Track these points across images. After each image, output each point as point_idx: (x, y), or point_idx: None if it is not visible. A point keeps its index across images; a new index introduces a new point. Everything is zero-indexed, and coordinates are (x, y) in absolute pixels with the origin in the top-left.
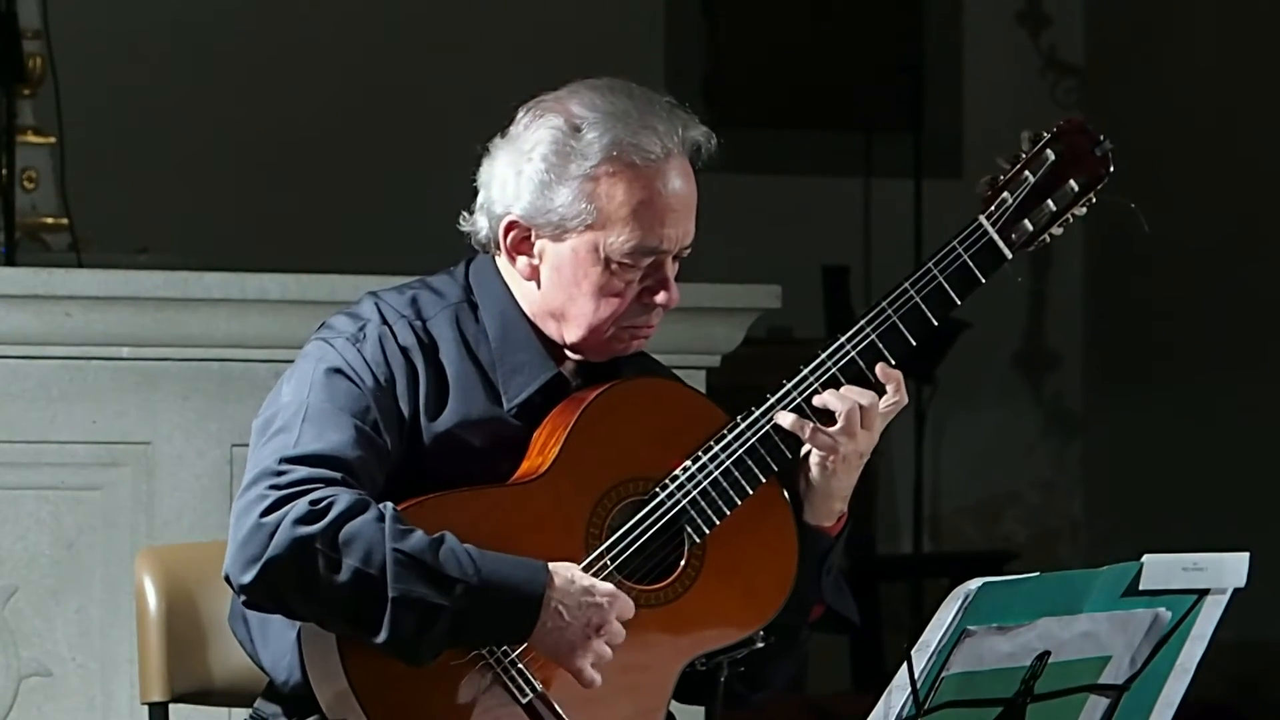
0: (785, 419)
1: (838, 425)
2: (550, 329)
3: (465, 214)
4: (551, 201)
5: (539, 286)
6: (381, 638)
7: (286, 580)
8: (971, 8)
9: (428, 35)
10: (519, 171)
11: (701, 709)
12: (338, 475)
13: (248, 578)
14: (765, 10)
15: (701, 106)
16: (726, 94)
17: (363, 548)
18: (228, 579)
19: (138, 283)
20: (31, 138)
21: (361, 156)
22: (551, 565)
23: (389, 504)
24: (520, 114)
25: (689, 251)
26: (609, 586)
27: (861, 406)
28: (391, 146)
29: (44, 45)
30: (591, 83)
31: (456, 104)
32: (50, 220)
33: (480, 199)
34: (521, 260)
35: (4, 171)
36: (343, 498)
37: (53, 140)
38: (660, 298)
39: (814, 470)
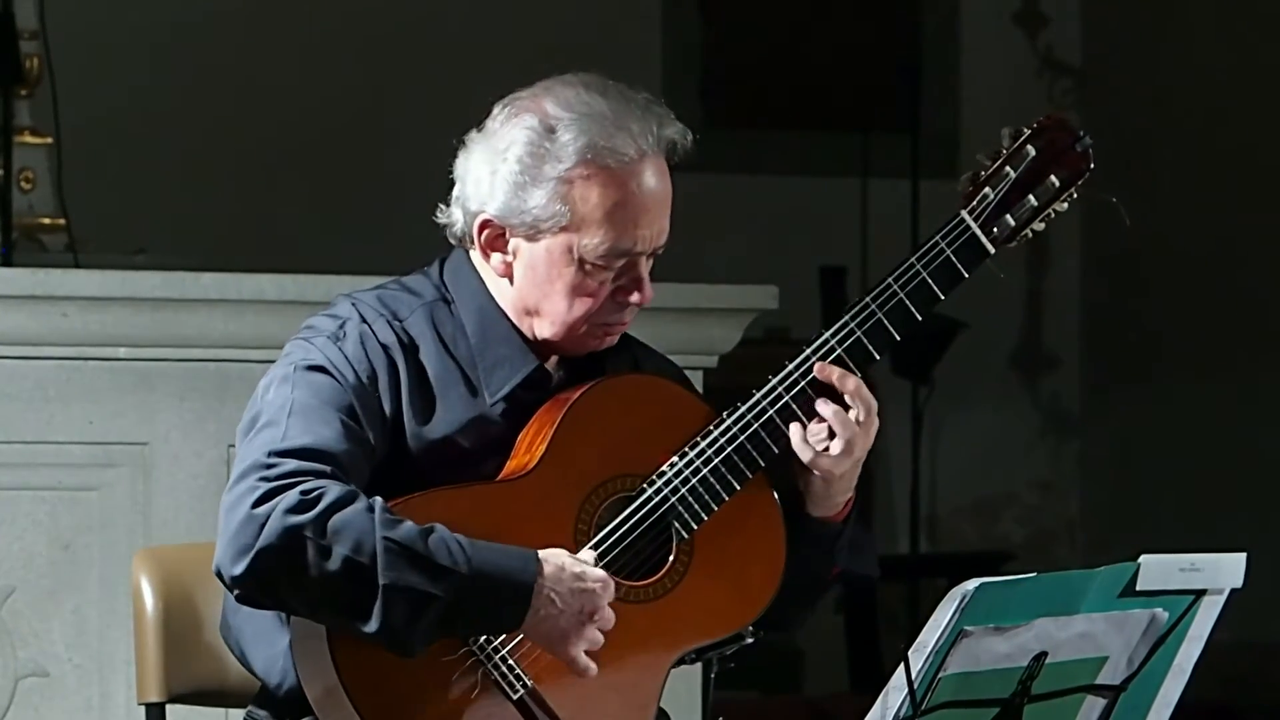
0: (805, 438)
1: (835, 450)
2: (524, 325)
3: (442, 206)
4: (525, 202)
5: (513, 283)
6: (372, 627)
7: (277, 570)
8: (969, 8)
9: (427, 35)
10: (494, 170)
11: (700, 710)
12: (326, 469)
13: (239, 569)
14: (763, 10)
15: (699, 106)
16: (724, 94)
17: (353, 536)
18: (219, 573)
19: (135, 283)
20: (28, 138)
21: (361, 157)
22: (542, 553)
23: (378, 497)
24: (496, 110)
25: (663, 250)
26: (600, 572)
27: (859, 424)
28: (391, 146)
29: (41, 46)
30: (567, 79)
31: (456, 104)
32: (47, 221)
33: (456, 192)
34: (495, 257)
35: (1, 172)
36: (333, 489)
37: (50, 141)
38: (634, 297)
39: (815, 484)
